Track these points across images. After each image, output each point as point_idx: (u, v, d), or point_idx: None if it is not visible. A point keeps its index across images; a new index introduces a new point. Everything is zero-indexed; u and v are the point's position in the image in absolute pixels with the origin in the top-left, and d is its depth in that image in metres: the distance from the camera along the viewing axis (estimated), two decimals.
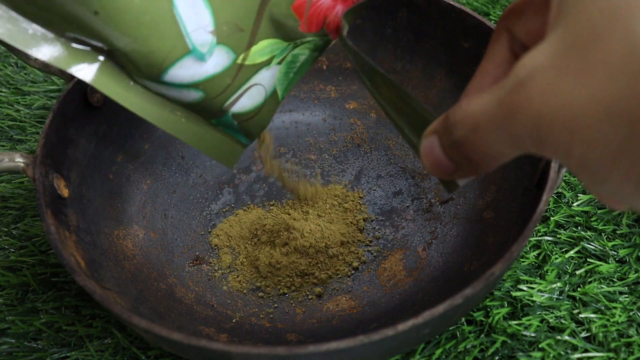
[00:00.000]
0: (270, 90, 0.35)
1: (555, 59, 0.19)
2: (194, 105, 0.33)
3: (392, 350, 0.34)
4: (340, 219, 0.47)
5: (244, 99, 0.34)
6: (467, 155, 0.24)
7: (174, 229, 0.47)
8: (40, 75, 0.62)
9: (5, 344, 0.41)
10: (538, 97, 0.20)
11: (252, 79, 0.33)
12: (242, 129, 0.36)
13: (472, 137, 0.23)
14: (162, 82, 0.31)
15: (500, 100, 0.21)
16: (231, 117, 0.35)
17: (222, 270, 0.45)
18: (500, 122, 0.21)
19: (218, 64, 0.31)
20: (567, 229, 0.44)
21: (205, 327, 0.40)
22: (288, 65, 0.35)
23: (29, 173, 0.38)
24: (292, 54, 0.34)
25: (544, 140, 0.20)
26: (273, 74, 0.34)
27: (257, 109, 0.35)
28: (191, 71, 0.31)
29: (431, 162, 0.26)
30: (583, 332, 0.39)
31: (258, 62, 0.33)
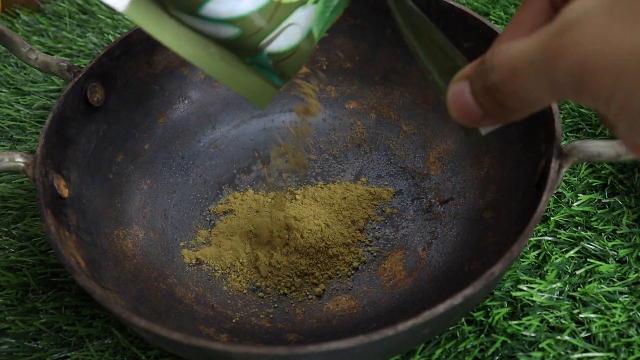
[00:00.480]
0: (306, 31, 0.34)
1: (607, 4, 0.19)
2: (229, 42, 0.33)
3: (392, 350, 0.34)
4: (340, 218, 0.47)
5: (281, 38, 0.33)
6: (500, 101, 0.23)
7: (174, 229, 0.47)
8: (40, 75, 0.62)
9: (5, 344, 0.41)
10: (585, 40, 0.19)
11: (288, 17, 0.33)
12: (276, 69, 0.35)
13: (510, 81, 0.22)
14: (198, 16, 0.31)
15: (543, 43, 0.21)
16: (266, 56, 0.34)
17: (222, 270, 0.45)
18: (541, 66, 0.21)
19: (256, 0, 0.31)
20: (567, 229, 0.44)
21: (205, 327, 0.40)
22: (325, 4, 0.34)
23: (29, 173, 0.38)
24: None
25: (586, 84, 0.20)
26: (309, 14, 0.34)
27: (293, 49, 0.34)
28: (229, 6, 0.31)
29: (459, 107, 0.25)
30: (583, 332, 0.39)
31: (295, 1, 0.33)
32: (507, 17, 0.61)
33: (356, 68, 0.54)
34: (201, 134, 0.52)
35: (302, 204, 0.48)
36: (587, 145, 0.35)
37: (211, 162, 0.51)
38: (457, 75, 0.26)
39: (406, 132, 0.52)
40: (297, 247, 0.44)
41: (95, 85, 0.44)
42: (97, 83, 0.44)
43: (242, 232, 0.46)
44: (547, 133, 0.38)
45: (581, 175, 0.47)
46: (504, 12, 0.62)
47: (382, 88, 0.53)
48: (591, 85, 0.20)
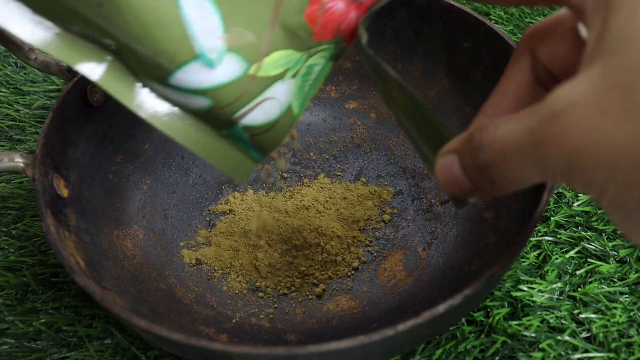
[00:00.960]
0: (285, 106, 0.33)
1: (597, 96, 0.19)
2: (202, 113, 0.32)
3: (392, 350, 0.34)
4: (340, 218, 0.47)
5: (256, 112, 0.32)
6: (491, 179, 0.23)
7: (173, 229, 0.47)
8: (40, 75, 0.62)
9: (5, 344, 0.41)
10: (574, 132, 0.19)
11: (265, 92, 0.32)
12: (253, 143, 0.34)
13: (499, 163, 0.22)
14: (168, 85, 0.30)
15: (531, 129, 0.21)
16: (241, 130, 0.33)
17: (221, 270, 0.45)
18: (530, 152, 0.21)
19: (228, 72, 0.30)
20: (568, 229, 0.44)
21: (205, 327, 0.40)
22: (303, 78, 0.33)
23: (29, 173, 0.38)
24: (307, 65, 0.33)
25: (578, 175, 0.20)
26: (288, 88, 0.33)
27: (270, 124, 0.33)
28: (199, 77, 0.30)
29: (448, 180, 0.25)
30: (583, 333, 0.39)
31: (272, 75, 0.31)
32: (507, 17, 0.61)
33: (356, 68, 0.54)
34: None
35: (301, 203, 0.48)
36: None
37: None
38: (445, 148, 0.26)
39: None
40: (297, 247, 0.44)
41: (95, 85, 0.44)
42: None
43: (242, 232, 0.46)
44: None
45: None
46: (504, 11, 0.62)
47: None
48: (583, 177, 0.20)
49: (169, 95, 0.31)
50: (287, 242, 0.45)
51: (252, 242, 0.46)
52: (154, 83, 0.31)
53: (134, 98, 0.31)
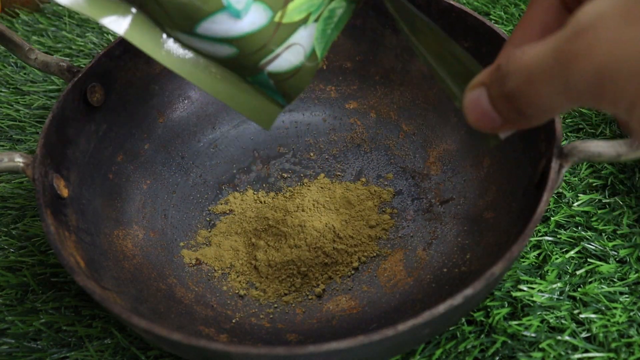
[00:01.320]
0: (309, 50, 0.34)
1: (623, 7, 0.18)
2: (228, 61, 0.32)
3: (392, 350, 0.34)
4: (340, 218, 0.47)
5: (281, 58, 0.33)
6: (519, 108, 0.23)
7: (173, 229, 0.47)
8: (39, 75, 0.62)
9: (5, 344, 0.41)
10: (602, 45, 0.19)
11: (290, 38, 0.32)
12: (279, 88, 0.34)
13: (527, 88, 0.22)
14: (195, 35, 0.31)
15: (558, 48, 0.20)
16: (267, 76, 0.33)
17: (221, 270, 0.45)
18: (557, 72, 0.20)
19: (255, 22, 0.31)
20: (568, 229, 0.44)
21: (205, 327, 0.40)
22: (325, 22, 0.33)
23: (29, 173, 0.38)
24: (329, 8, 0.33)
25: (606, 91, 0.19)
26: (311, 33, 0.33)
27: (294, 70, 0.34)
28: (225, 27, 0.30)
29: (477, 115, 0.25)
30: (583, 333, 0.39)
31: (296, 20, 0.32)
32: (507, 17, 0.61)
33: (356, 68, 0.54)
34: (201, 133, 0.52)
35: (301, 204, 0.48)
36: (587, 145, 0.35)
37: (211, 162, 0.51)
38: (473, 81, 0.25)
39: (406, 132, 0.52)
40: (297, 247, 0.44)
41: (94, 85, 0.44)
42: (97, 83, 0.44)
43: (242, 232, 0.46)
44: (548, 133, 0.38)
45: (581, 175, 0.47)
46: (504, 11, 0.62)
47: (382, 88, 0.53)
48: (612, 92, 0.19)
49: (194, 45, 0.32)
50: (287, 242, 0.45)
51: (252, 242, 0.46)
52: (180, 33, 0.31)
53: (160, 49, 0.31)
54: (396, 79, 0.52)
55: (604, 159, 0.35)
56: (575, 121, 0.51)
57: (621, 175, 0.47)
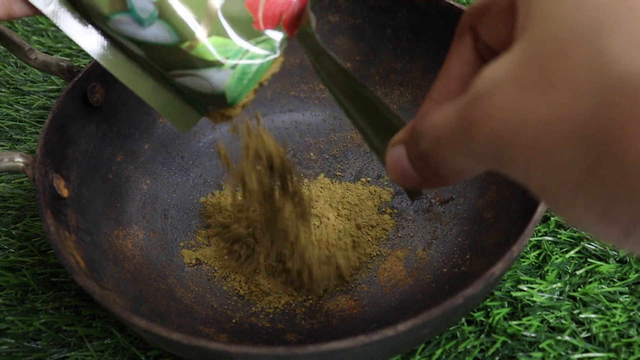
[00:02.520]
0: (218, 92, 0.33)
1: (517, 73, 0.18)
2: (142, 61, 0.33)
3: (392, 350, 0.34)
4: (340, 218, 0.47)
5: (188, 80, 0.32)
6: (433, 168, 0.23)
7: (173, 229, 0.47)
8: (39, 75, 0.62)
9: (5, 344, 0.41)
10: (496, 112, 0.18)
11: (198, 70, 0.32)
12: (192, 98, 0.34)
13: (436, 151, 0.22)
14: (110, 28, 0.31)
15: (459, 113, 0.20)
16: (179, 85, 0.33)
17: (222, 270, 0.45)
18: (460, 137, 0.20)
19: (158, 36, 0.31)
20: (568, 229, 0.44)
21: (205, 327, 0.40)
22: (242, 71, 0.32)
23: (29, 173, 0.38)
24: (248, 56, 0.32)
25: (503, 158, 0.19)
26: (223, 78, 0.32)
27: (203, 94, 0.33)
28: (130, 29, 0.31)
29: (398, 173, 0.25)
30: (583, 333, 0.39)
31: (208, 59, 0.31)
32: None
33: (356, 68, 0.54)
34: (201, 133, 0.52)
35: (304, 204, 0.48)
36: None
37: (211, 162, 0.51)
38: (394, 139, 0.25)
39: None
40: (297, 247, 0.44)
41: (95, 85, 0.44)
42: (97, 83, 0.44)
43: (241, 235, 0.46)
44: None
45: None
46: None
47: (382, 88, 0.53)
48: (507, 160, 0.19)
49: (113, 36, 0.32)
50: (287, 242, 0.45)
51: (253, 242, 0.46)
52: (100, 23, 0.32)
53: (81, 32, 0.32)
54: (396, 79, 0.52)
55: None
56: None
57: None
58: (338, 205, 0.48)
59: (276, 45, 0.33)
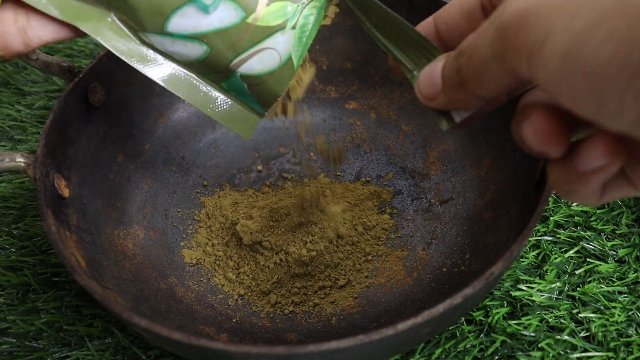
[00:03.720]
0: (285, 57, 0.33)
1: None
2: (201, 65, 0.33)
3: (392, 349, 0.34)
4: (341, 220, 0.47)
5: (254, 60, 0.33)
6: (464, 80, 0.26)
7: (174, 229, 0.47)
8: (40, 76, 0.62)
9: (6, 344, 0.41)
10: (532, 23, 0.21)
11: (264, 41, 0.32)
12: (253, 94, 0.34)
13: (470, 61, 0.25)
14: (166, 34, 0.31)
15: (491, 22, 0.23)
16: (240, 79, 0.33)
17: (222, 270, 0.45)
18: (491, 42, 0.23)
19: (224, 19, 0.31)
20: (567, 229, 0.45)
21: (205, 326, 0.40)
22: (301, 29, 0.33)
23: (30, 173, 0.38)
24: (303, 15, 0.33)
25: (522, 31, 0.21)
26: (288, 40, 0.33)
27: (268, 74, 0.34)
28: (194, 21, 0.30)
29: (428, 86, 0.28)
30: (582, 332, 0.39)
31: (272, 25, 0.32)
32: None
33: (356, 68, 0.54)
34: (201, 134, 0.52)
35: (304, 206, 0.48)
36: None
37: (211, 162, 0.52)
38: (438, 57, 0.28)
39: (406, 132, 0.52)
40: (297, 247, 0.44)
41: (95, 85, 0.44)
42: (98, 83, 0.44)
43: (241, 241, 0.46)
44: None
45: None
46: None
47: (382, 88, 0.53)
48: (527, 32, 0.21)
49: (167, 48, 0.32)
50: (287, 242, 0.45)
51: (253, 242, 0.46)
52: (153, 35, 0.31)
53: (135, 55, 0.32)
54: (396, 80, 0.52)
55: None
56: None
57: None
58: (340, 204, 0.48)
59: (324, 2, 0.34)
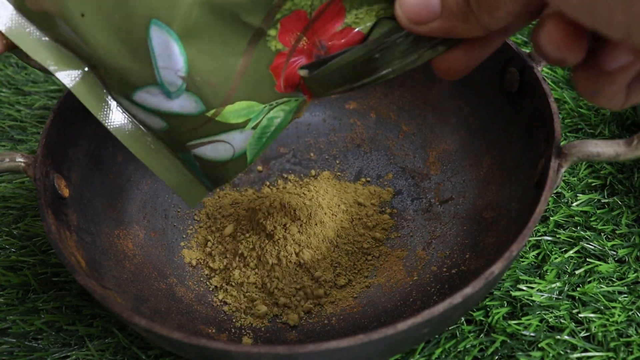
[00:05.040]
0: (238, 152, 0.34)
1: None
2: (161, 134, 0.33)
3: (392, 349, 0.34)
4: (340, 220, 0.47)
5: (208, 148, 0.34)
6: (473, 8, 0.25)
7: (174, 229, 0.47)
8: (40, 76, 0.62)
9: (6, 344, 0.41)
10: None
11: (220, 134, 0.33)
12: (204, 172, 0.35)
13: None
14: (132, 102, 0.32)
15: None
16: (193, 158, 0.34)
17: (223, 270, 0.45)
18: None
19: (184, 107, 0.31)
20: (567, 229, 0.45)
21: (205, 326, 0.40)
22: (262, 130, 0.34)
23: (30, 173, 0.38)
24: (268, 117, 0.33)
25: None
26: (246, 138, 0.33)
27: (220, 163, 0.34)
28: (157, 100, 0.31)
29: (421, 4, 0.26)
30: (582, 332, 0.39)
31: (231, 122, 0.32)
32: None
33: None
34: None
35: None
36: (586, 144, 0.35)
37: None
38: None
39: (406, 132, 0.52)
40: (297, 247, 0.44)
41: None
42: None
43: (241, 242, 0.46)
44: (547, 133, 0.38)
45: (580, 175, 0.48)
46: None
47: (382, 88, 0.53)
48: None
49: (132, 111, 0.33)
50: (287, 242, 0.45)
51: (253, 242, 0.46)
52: (122, 98, 0.32)
53: (102, 109, 0.33)
54: (396, 80, 0.52)
55: (602, 158, 0.35)
56: (574, 121, 0.51)
57: (620, 175, 0.47)
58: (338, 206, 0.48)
59: (294, 107, 0.34)
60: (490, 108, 0.46)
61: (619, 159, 0.35)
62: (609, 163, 0.48)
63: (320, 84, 0.32)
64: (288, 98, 0.33)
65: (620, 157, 0.35)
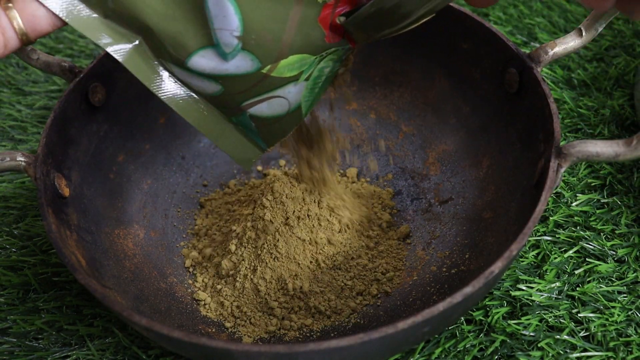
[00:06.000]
0: (294, 105, 0.35)
1: None
2: (214, 98, 0.34)
3: (392, 348, 0.34)
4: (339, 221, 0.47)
5: (264, 105, 0.34)
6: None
7: (174, 228, 0.47)
8: (41, 76, 0.62)
9: (7, 343, 0.41)
10: None
11: (276, 90, 0.34)
12: (260, 132, 0.36)
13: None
14: (186, 69, 0.33)
15: None
16: (249, 118, 0.35)
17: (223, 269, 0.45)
18: None
19: (240, 67, 0.32)
20: (566, 229, 0.45)
21: (205, 325, 0.40)
22: (314, 81, 0.35)
23: (30, 172, 0.38)
24: (318, 68, 0.34)
25: None
26: (300, 90, 0.35)
27: (276, 118, 0.35)
28: (212, 63, 0.32)
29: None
30: (582, 332, 0.39)
31: (286, 76, 0.33)
32: (507, 18, 0.62)
33: (356, 69, 0.54)
34: (201, 134, 0.52)
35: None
36: (585, 145, 0.35)
37: (211, 162, 0.52)
38: None
39: (405, 132, 0.52)
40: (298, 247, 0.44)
41: (96, 85, 0.44)
42: (98, 83, 0.44)
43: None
44: (546, 133, 0.38)
45: (580, 175, 0.48)
46: (503, 12, 0.62)
47: (382, 89, 0.53)
48: None
49: (186, 79, 0.34)
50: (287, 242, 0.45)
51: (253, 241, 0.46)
52: (174, 66, 0.33)
53: (154, 79, 0.34)
54: (395, 80, 0.52)
55: (602, 158, 0.35)
56: (574, 121, 0.51)
57: (619, 175, 0.47)
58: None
59: (341, 55, 0.35)
60: (489, 108, 0.46)
61: (618, 159, 0.35)
62: (608, 163, 0.48)
63: (360, 30, 0.33)
64: (336, 48, 0.34)
65: (620, 157, 0.35)
